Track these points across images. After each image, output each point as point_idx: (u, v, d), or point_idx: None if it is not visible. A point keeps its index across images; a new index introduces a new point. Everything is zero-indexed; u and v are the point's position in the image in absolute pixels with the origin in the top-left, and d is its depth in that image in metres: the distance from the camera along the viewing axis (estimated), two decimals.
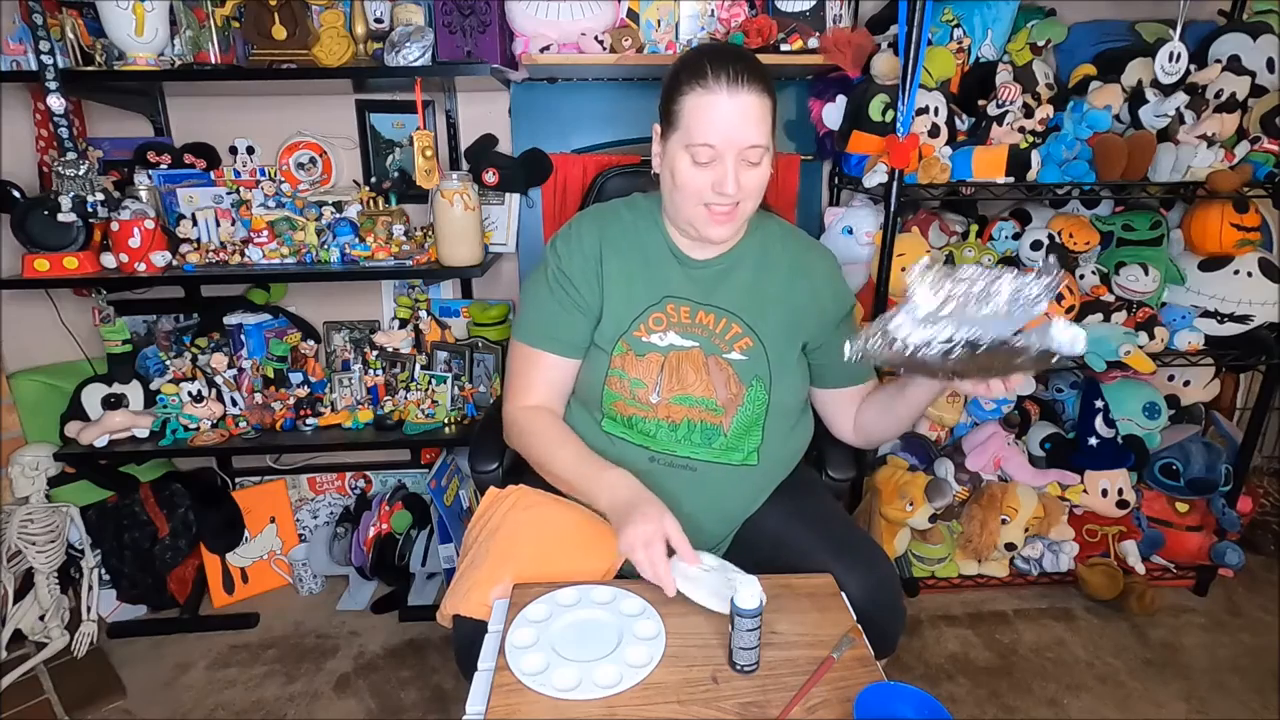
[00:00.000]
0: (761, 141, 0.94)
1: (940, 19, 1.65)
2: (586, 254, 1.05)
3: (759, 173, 0.96)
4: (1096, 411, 1.77)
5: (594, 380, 1.06)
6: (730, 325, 1.05)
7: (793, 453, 1.14)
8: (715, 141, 0.92)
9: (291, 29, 1.54)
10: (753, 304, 1.06)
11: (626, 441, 1.06)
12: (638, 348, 1.04)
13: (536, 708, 0.73)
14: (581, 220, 1.10)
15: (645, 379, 1.03)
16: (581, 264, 1.05)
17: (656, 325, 1.04)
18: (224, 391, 1.74)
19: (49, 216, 1.54)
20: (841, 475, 1.20)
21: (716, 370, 1.04)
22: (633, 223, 1.08)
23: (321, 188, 1.84)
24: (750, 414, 1.05)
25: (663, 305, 1.05)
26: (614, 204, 1.12)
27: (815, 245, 1.15)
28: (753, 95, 0.92)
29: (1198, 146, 1.57)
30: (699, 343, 1.04)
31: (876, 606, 0.94)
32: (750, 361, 1.04)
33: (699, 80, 0.92)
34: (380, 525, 1.86)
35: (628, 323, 1.04)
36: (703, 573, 0.89)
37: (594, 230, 1.07)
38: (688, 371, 1.04)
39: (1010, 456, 1.80)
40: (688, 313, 1.05)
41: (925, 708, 0.69)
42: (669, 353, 1.04)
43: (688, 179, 0.96)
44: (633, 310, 1.05)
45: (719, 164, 0.94)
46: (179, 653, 1.69)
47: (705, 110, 0.92)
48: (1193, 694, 1.56)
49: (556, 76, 1.82)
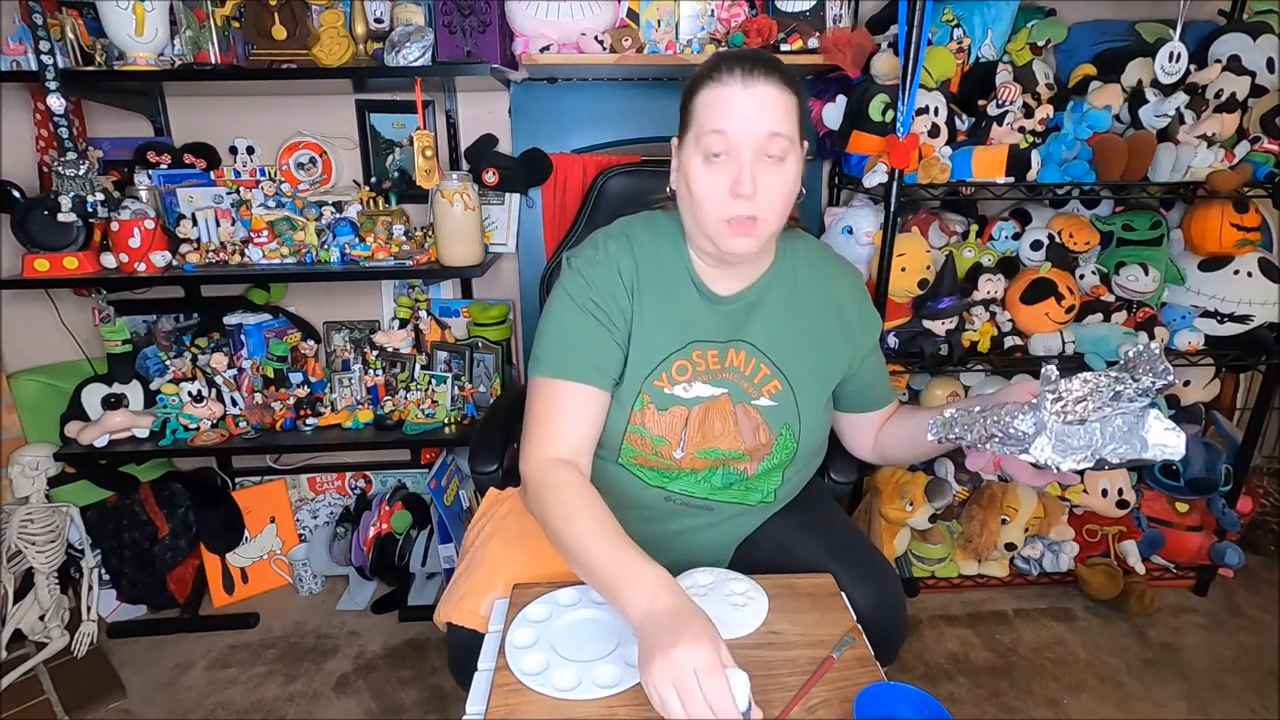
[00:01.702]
0: (782, 130, 0.84)
1: (940, 19, 1.65)
2: (620, 279, 0.94)
3: (780, 175, 0.86)
4: None
5: (612, 434, 0.96)
6: (759, 366, 0.98)
7: (806, 479, 1.11)
8: (726, 127, 0.83)
9: (291, 29, 1.53)
10: (781, 343, 0.98)
11: (644, 483, 1.00)
12: (660, 401, 0.95)
13: (536, 708, 0.72)
14: (608, 241, 0.96)
15: (669, 436, 0.95)
16: (614, 290, 0.93)
17: (680, 375, 0.95)
18: (224, 391, 1.74)
19: (49, 216, 1.54)
20: (844, 478, 1.19)
21: (745, 419, 0.97)
22: (656, 250, 0.96)
23: (321, 188, 1.84)
24: (776, 461, 1.01)
25: (688, 352, 0.95)
26: (634, 222, 1.00)
27: (842, 265, 1.07)
28: (770, 87, 0.84)
29: (1198, 146, 1.57)
30: (727, 389, 0.97)
31: (882, 617, 0.93)
32: (779, 408, 0.98)
33: (713, 75, 0.86)
34: (380, 525, 1.86)
35: (650, 370, 0.94)
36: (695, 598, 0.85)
37: (627, 254, 0.95)
38: (715, 422, 0.96)
39: (1010, 457, 1.80)
40: (715, 357, 0.96)
41: (925, 708, 0.69)
42: (694, 405, 0.96)
43: (702, 183, 0.86)
44: (656, 355, 0.95)
45: (733, 160, 0.84)
46: (179, 653, 1.69)
47: (717, 99, 0.85)
48: (1193, 694, 1.56)
49: (556, 76, 1.82)
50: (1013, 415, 0.74)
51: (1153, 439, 0.66)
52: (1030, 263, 1.77)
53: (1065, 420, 0.70)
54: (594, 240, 0.98)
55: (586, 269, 0.94)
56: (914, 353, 1.68)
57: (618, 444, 0.97)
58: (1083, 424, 0.70)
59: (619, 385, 0.95)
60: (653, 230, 0.98)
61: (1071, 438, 0.70)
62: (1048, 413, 0.71)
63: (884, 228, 1.59)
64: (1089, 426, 0.70)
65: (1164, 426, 0.66)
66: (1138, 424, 0.66)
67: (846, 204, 1.85)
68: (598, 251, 0.95)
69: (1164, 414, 0.67)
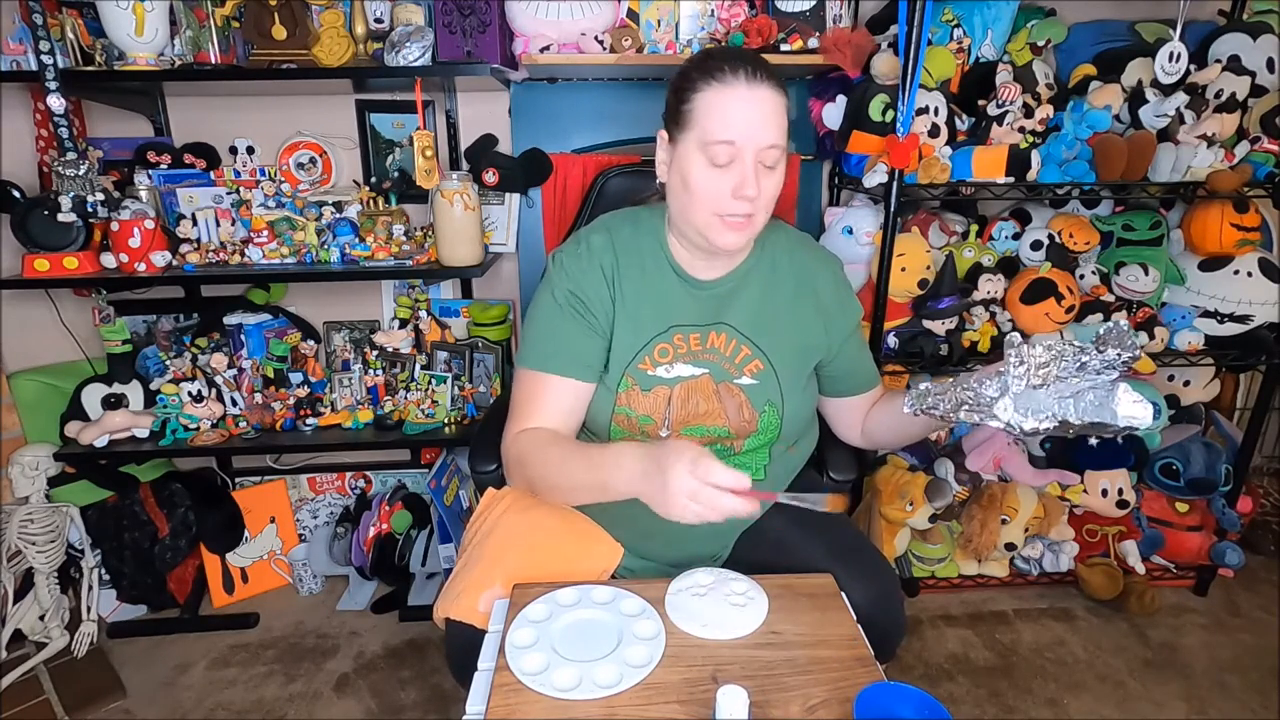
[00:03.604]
0: (780, 142, 0.89)
1: (940, 19, 1.65)
2: (601, 274, 0.99)
3: (775, 178, 0.91)
4: None
5: (599, 418, 1.01)
6: (740, 347, 1.00)
7: (799, 462, 1.13)
8: (735, 137, 0.86)
9: (291, 29, 1.53)
10: (761, 325, 1.01)
11: None
12: (644, 382, 0.98)
13: (536, 708, 0.72)
14: (591, 235, 1.02)
15: (653, 414, 0.99)
16: (595, 284, 0.98)
17: (662, 357, 0.99)
18: (224, 391, 1.74)
19: (49, 216, 1.54)
20: (843, 477, 1.20)
21: (728, 397, 0.99)
22: (637, 242, 1.01)
23: (321, 188, 1.84)
24: (763, 440, 1.03)
25: (669, 335, 0.99)
26: (617, 217, 1.05)
27: (821, 254, 1.10)
28: (769, 90, 0.87)
29: (1198, 146, 1.57)
30: (709, 369, 1.00)
31: (879, 616, 0.93)
32: (761, 386, 1.00)
33: (715, 75, 0.87)
34: (380, 525, 1.86)
35: (632, 355, 0.99)
36: (694, 598, 0.87)
37: (608, 247, 1.00)
38: (698, 401, 0.99)
39: (1010, 456, 1.80)
40: (697, 339, 1.00)
41: (925, 708, 0.69)
42: (676, 384, 0.99)
43: (703, 183, 0.89)
44: (639, 341, 0.99)
45: (738, 165, 0.88)
46: (179, 653, 1.69)
47: (723, 104, 0.87)
48: (1193, 694, 1.56)
49: (556, 76, 1.82)
50: (980, 382, 0.78)
51: (1122, 410, 0.70)
52: (1030, 263, 1.77)
53: (1029, 384, 0.74)
54: (578, 237, 1.03)
55: (571, 264, 1.00)
56: (914, 353, 1.68)
57: (606, 425, 1.00)
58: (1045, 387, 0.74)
59: (605, 372, 0.99)
60: (634, 224, 1.03)
61: (1034, 400, 0.74)
62: (1011, 377, 0.75)
63: (884, 228, 1.59)
64: (1052, 390, 0.74)
65: (1133, 399, 0.70)
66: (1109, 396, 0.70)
67: (846, 204, 1.85)
68: (580, 246, 1.01)
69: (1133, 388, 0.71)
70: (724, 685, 0.68)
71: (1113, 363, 0.71)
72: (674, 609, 0.85)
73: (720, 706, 0.67)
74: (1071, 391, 0.73)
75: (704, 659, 0.79)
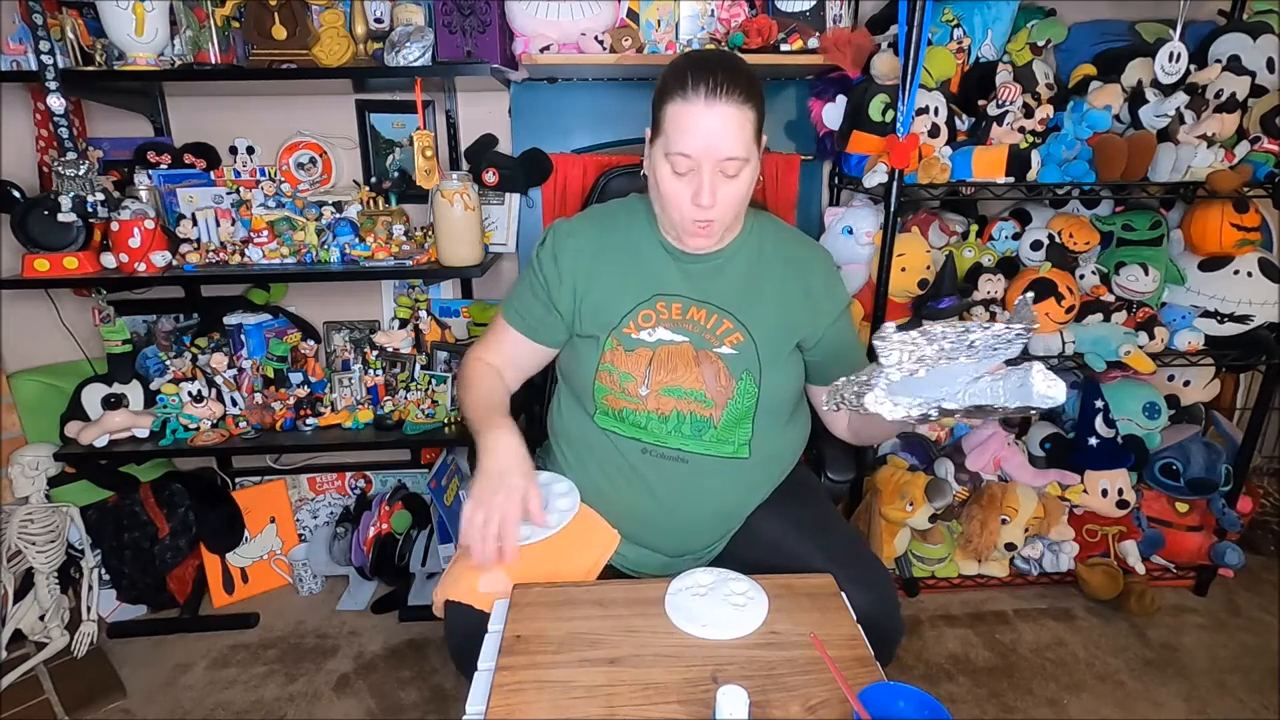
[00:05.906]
0: (739, 154, 0.93)
1: (940, 19, 1.65)
2: (574, 257, 1.07)
3: (737, 185, 0.96)
4: (1096, 411, 1.77)
5: (585, 374, 1.06)
6: (721, 320, 1.04)
7: (788, 450, 1.14)
8: (691, 151, 0.93)
9: (291, 29, 1.53)
10: (745, 300, 1.06)
11: (619, 435, 1.06)
12: (626, 344, 1.04)
13: (536, 708, 0.73)
14: (582, 219, 1.12)
15: (634, 372, 1.03)
16: (570, 266, 1.07)
17: (645, 322, 1.04)
18: (224, 391, 1.74)
19: (49, 216, 1.54)
20: (841, 476, 1.20)
21: (707, 364, 1.03)
22: (628, 222, 1.10)
23: (321, 188, 1.84)
24: (740, 407, 1.04)
25: (653, 302, 1.05)
26: (612, 205, 1.14)
27: (809, 243, 1.15)
28: (731, 106, 0.92)
29: (1198, 146, 1.57)
30: (689, 338, 1.04)
31: (876, 619, 0.93)
32: (740, 356, 1.04)
33: (680, 89, 0.93)
34: (380, 525, 1.86)
35: (617, 319, 1.05)
36: (694, 598, 0.87)
37: (590, 232, 1.09)
38: (677, 365, 1.04)
39: (1010, 456, 1.80)
40: (679, 309, 1.05)
41: (925, 708, 0.69)
42: (658, 347, 1.04)
43: (669, 188, 0.97)
44: (623, 307, 1.05)
45: (696, 175, 0.94)
46: (179, 653, 1.69)
47: (682, 119, 0.93)
48: (1193, 694, 1.56)
49: (556, 76, 1.82)
50: (867, 374, 0.80)
51: (1037, 389, 0.71)
52: (1030, 263, 1.77)
53: (908, 372, 0.76)
54: (577, 216, 1.14)
55: (557, 243, 1.09)
56: None
57: (590, 383, 1.06)
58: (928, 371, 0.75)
59: (591, 326, 1.06)
60: (628, 208, 1.12)
61: (912, 388, 0.76)
62: (886, 366, 0.77)
63: (884, 228, 1.59)
64: (941, 375, 0.75)
65: (1046, 380, 0.71)
66: (1025, 377, 0.72)
67: (846, 204, 1.85)
68: (572, 225, 1.11)
69: (1046, 369, 0.72)
70: (724, 685, 0.68)
71: (1004, 336, 0.71)
72: (674, 609, 0.86)
73: (720, 706, 0.67)
74: (974, 376, 0.74)
75: (704, 659, 0.79)
